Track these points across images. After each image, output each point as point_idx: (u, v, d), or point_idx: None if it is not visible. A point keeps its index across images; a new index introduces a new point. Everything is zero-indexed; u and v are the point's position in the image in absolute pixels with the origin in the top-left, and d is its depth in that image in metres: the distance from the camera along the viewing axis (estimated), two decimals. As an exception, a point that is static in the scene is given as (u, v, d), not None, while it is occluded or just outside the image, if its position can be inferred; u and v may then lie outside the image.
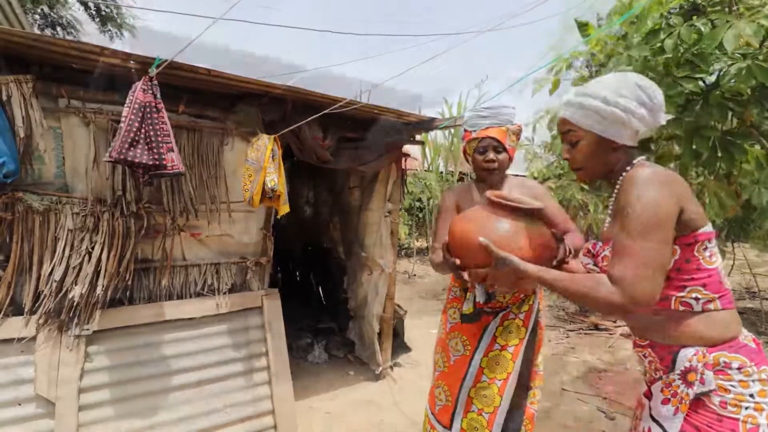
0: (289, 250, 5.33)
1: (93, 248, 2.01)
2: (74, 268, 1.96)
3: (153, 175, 1.79)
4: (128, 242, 2.09)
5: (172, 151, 1.79)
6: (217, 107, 2.30)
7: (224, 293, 2.40)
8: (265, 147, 2.11)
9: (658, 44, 1.76)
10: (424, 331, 4.27)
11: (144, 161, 1.70)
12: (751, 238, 2.59)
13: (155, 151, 1.71)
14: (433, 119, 2.65)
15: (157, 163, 1.71)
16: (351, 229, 3.59)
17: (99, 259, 2.01)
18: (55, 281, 1.90)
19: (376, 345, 3.13)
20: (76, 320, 1.98)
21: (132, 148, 1.70)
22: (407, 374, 3.23)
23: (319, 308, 4.55)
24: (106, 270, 2.01)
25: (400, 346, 3.36)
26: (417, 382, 3.11)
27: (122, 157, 1.66)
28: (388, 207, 3.08)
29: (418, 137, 3.14)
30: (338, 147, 2.67)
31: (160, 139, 1.73)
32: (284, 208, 2.22)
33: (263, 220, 2.54)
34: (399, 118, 2.62)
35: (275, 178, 2.07)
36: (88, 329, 2.00)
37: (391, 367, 3.22)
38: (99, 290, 1.98)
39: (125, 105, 1.73)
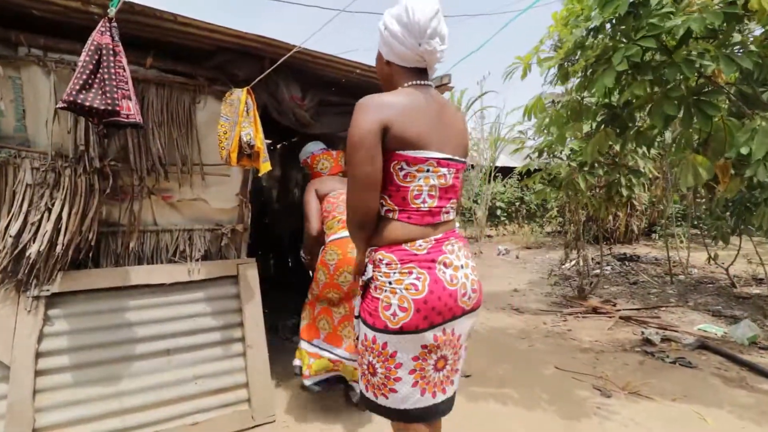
0: (281, 236, 5.24)
1: (53, 205, 1.90)
2: (32, 224, 1.86)
3: (107, 124, 1.68)
4: (92, 201, 1.98)
5: (130, 99, 1.67)
6: (188, 62, 2.19)
7: (197, 260, 2.28)
8: (238, 100, 2.00)
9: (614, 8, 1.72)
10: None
11: (96, 105, 1.59)
12: (755, 216, 2.45)
13: (108, 95, 1.60)
14: (418, 81, 2.53)
15: (110, 108, 1.60)
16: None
17: (59, 217, 1.90)
18: (11, 237, 1.80)
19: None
20: (35, 281, 1.88)
21: (84, 92, 1.58)
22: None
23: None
24: (66, 228, 1.90)
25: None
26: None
27: (71, 99, 1.55)
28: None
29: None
30: (319, 111, 2.55)
31: (114, 83, 1.62)
32: (265, 167, 2.11)
33: (240, 184, 2.42)
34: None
35: (251, 132, 1.96)
36: (47, 290, 1.90)
37: (378, 346, 3.10)
38: (59, 249, 1.88)
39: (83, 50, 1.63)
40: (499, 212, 10.72)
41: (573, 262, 6.58)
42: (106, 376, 1.97)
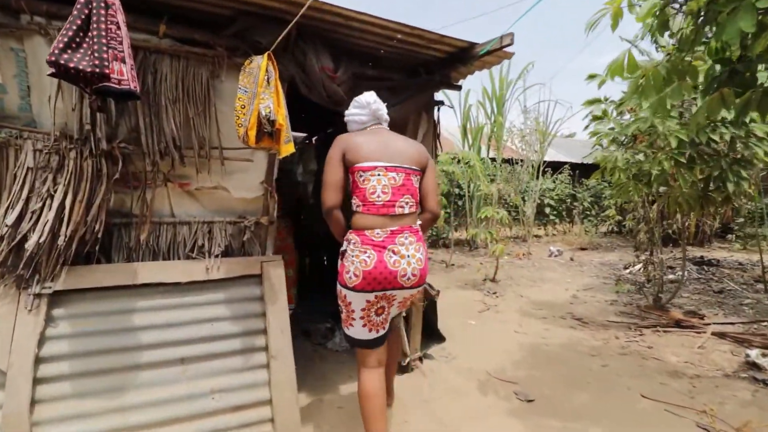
0: (316, 233, 4.97)
1: (56, 191, 1.68)
2: (33, 212, 1.65)
3: (98, 92, 1.42)
4: (99, 187, 1.75)
5: (123, 62, 1.40)
6: (206, 30, 1.91)
7: (216, 256, 2.01)
8: (258, 68, 1.69)
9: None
10: (461, 320, 3.70)
11: (82, 68, 1.33)
12: None
13: (96, 55, 1.33)
14: (471, 45, 2.10)
15: (97, 70, 1.33)
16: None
17: (62, 205, 1.68)
18: (8, 226, 1.59)
19: (402, 331, 2.62)
20: (36, 276, 1.67)
21: (69, 51, 1.33)
22: (440, 368, 2.69)
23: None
24: (69, 217, 1.68)
25: (431, 334, 2.83)
26: (451, 378, 2.56)
27: (53, 60, 1.29)
28: (417, 165, 2.56)
29: (448, 89, 2.60)
30: (354, 87, 2.20)
31: (104, 41, 1.35)
32: (287, 148, 1.78)
33: (264, 171, 2.12)
34: (424, 43, 2.10)
35: (270, 104, 1.64)
36: (49, 287, 1.69)
37: (421, 359, 2.70)
38: (61, 241, 1.66)
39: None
40: (548, 210, 9.91)
41: (640, 266, 5.81)
42: (112, 386, 1.72)
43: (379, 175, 1.64)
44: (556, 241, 9.22)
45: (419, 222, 1.76)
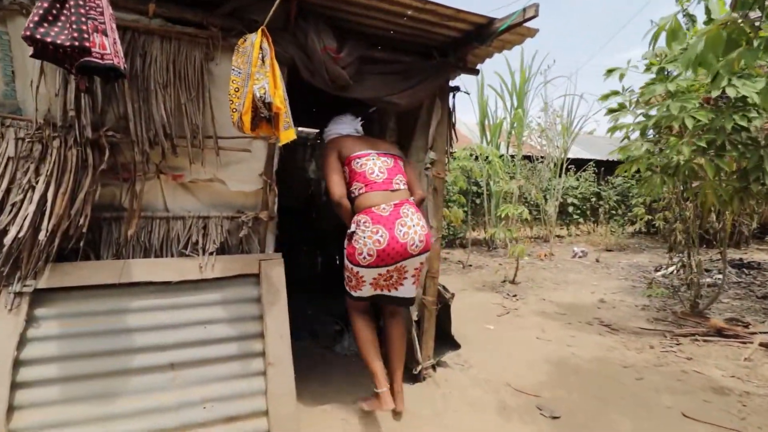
0: (327, 231, 4.83)
1: (38, 182, 1.57)
2: (13, 205, 1.54)
3: (81, 69, 1.28)
4: (84, 178, 1.63)
5: (105, 35, 1.27)
6: (199, 9, 1.77)
7: (211, 253, 1.86)
8: (252, 47, 1.53)
9: None
10: (478, 326, 3.47)
11: (60, 42, 1.19)
12: None
13: (74, 27, 1.20)
14: (490, 21, 1.89)
15: (77, 44, 1.19)
16: (387, 194, 2.93)
17: (44, 197, 1.56)
18: (-16, 220, 1.49)
19: (414, 336, 2.43)
20: (17, 273, 1.56)
21: (46, 25, 1.20)
22: (454, 377, 2.48)
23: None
24: (52, 211, 1.56)
25: (446, 340, 2.63)
26: (467, 389, 2.35)
27: (28, 34, 1.17)
28: (429, 157, 2.36)
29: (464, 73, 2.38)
30: (361, 70, 2.02)
31: (83, 11, 1.22)
32: (287, 135, 1.62)
33: (264, 162, 1.97)
34: (437, 20, 1.89)
35: (266, 85, 1.48)
36: (30, 285, 1.57)
37: (434, 367, 2.50)
38: (42, 236, 1.54)
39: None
40: (571, 209, 9.48)
41: (672, 269, 5.42)
42: (96, 392, 1.60)
43: (373, 159, 1.91)
44: (579, 241, 8.81)
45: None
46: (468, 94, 2.40)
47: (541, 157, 8.34)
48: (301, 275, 4.88)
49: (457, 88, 2.37)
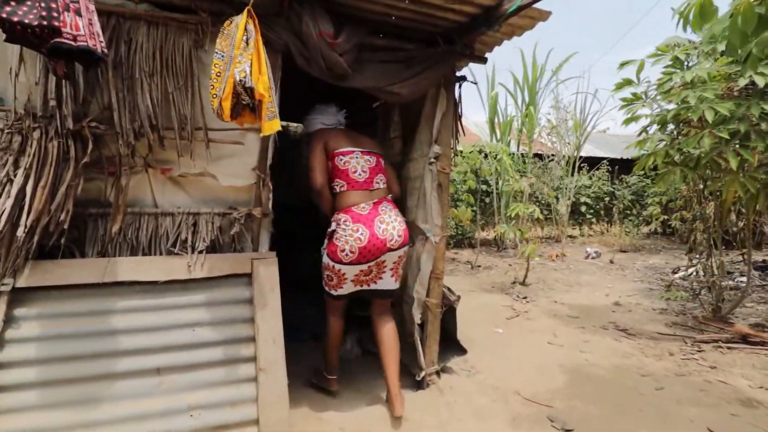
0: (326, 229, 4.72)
1: (16, 175, 1.49)
2: (-10, 200, 1.46)
3: (54, 52, 1.19)
4: (65, 172, 1.55)
5: (78, 15, 1.17)
6: (188, -8, 1.67)
7: (200, 252, 1.77)
8: (236, 28, 1.42)
9: None
10: (486, 329, 3.32)
11: (28, 21, 1.10)
12: None
13: (43, 5, 1.10)
14: (499, 2, 1.75)
15: (45, 23, 1.10)
16: (391, 191, 2.81)
17: (23, 191, 1.48)
18: (-42, 215, 1.41)
19: (417, 341, 2.30)
20: (-4, 271, 1.48)
21: (12, 3, 1.11)
22: (460, 384, 2.35)
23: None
24: (31, 205, 1.48)
25: (451, 344, 2.49)
26: (474, 397, 2.22)
27: (-8, 12, 1.08)
28: (434, 151, 2.23)
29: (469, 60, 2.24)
30: (360, 59, 1.90)
31: (53, -13, 1.12)
32: (271, 126, 1.51)
33: (257, 156, 1.87)
34: (442, 2, 1.76)
35: (247, 68, 1.37)
36: (8, 284, 1.49)
37: (438, 373, 2.37)
38: (20, 232, 1.46)
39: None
40: (584, 209, 9.23)
41: (692, 271, 5.18)
42: (78, 398, 1.51)
43: (357, 157, 1.94)
44: (592, 241, 8.56)
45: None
46: (476, 84, 2.26)
47: (552, 155, 8.12)
48: (304, 274, 4.80)
49: (463, 78, 2.23)
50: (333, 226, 1.91)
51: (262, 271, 1.82)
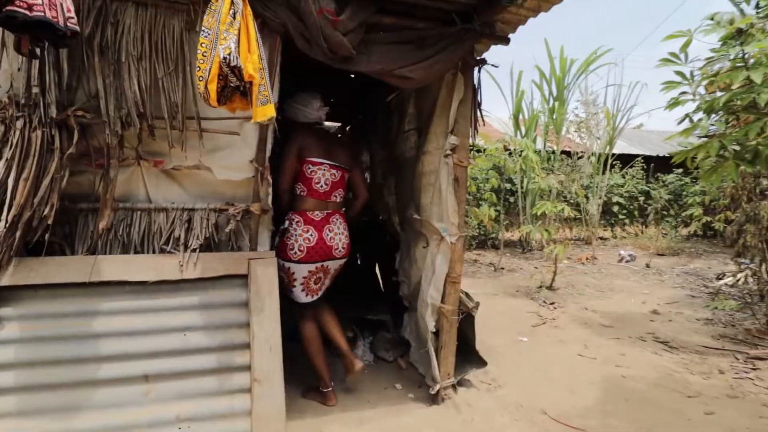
0: (351, 227, 4.58)
1: (-2, 167, 1.40)
2: (-31, 193, 1.38)
3: (5, 22, 1.07)
4: (50, 163, 1.45)
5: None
6: (179, -31, 1.55)
7: (194, 250, 1.64)
8: (223, 2, 1.28)
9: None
10: (509, 337, 3.08)
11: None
12: None
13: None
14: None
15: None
16: (405, 187, 2.62)
17: (5, 184, 1.39)
18: (-64, 209, 1.33)
19: (430, 351, 2.11)
20: (-23, 269, 1.40)
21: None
22: (479, 400, 2.13)
23: (374, 297, 3.66)
24: (12, 199, 1.39)
25: (469, 356, 2.28)
26: (493, 414, 2.00)
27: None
28: (450, 142, 2.03)
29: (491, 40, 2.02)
30: (367, 40, 1.73)
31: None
32: (263, 112, 1.37)
33: (255, 147, 1.72)
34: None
35: (232, 45, 1.23)
36: (-11, 283, 1.41)
37: (454, 387, 2.16)
38: (1, 227, 1.37)
39: None
40: (616, 209, 8.70)
41: (740, 277, 4.71)
42: (60, 405, 1.41)
43: (324, 170, 1.98)
44: (626, 244, 8.05)
45: (353, 206, 2.26)
46: (497, 67, 2.04)
47: (582, 152, 7.68)
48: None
49: (483, 61, 2.02)
50: (286, 223, 1.95)
51: (260, 272, 1.68)
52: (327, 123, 4.96)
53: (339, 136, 2.25)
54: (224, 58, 1.20)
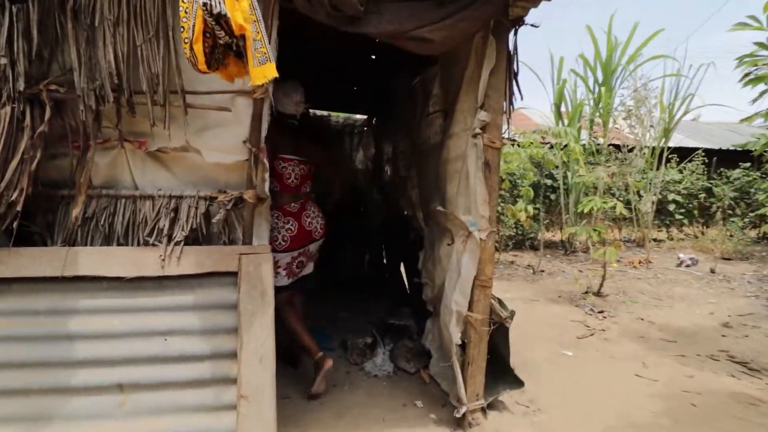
0: (375, 225, 4.35)
1: (-38, 148, 1.26)
2: (-68, 176, 1.24)
3: None
4: (20, 142, 1.30)
5: None
6: None
7: (178, 242, 1.44)
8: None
9: None
10: (550, 350, 2.69)
11: None
12: None
13: None
14: None
15: None
16: (430, 177, 2.33)
17: (-31, 166, 1.25)
18: None
19: (455, 366, 1.79)
20: (-59, 260, 1.27)
21: None
22: (513, 428, 1.79)
23: (400, 299, 3.38)
24: (-24, 183, 1.24)
25: (502, 373, 1.94)
26: (531, 446, 1.66)
27: None
28: (479, 119, 1.71)
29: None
30: (379, -3, 1.45)
31: None
32: (262, 72, 1.14)
33: (248, 125, 1.50)
34: None
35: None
36: (-48, 276, 1.27)
37: (484, 410, 1.83)
38: (-37, 214, 1.23)
39: None
40: (672, 208, 7.85)
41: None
42: (24, 414, 1.26)
43: (293, 165, 2.06)
44: (684, 246, 7.23)
45: (332, 193, 2.48)
46: (536, 27, 1.69)
47: (632, 145, 6.97)
48: (344, 275, 4.46)
49: (519, 21, 1.68)
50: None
51: (252, 269, 1.45)
52: (353, 116, 4.78)
53: (304, 129, 2.22)
54: (204, 4, 0.97)
